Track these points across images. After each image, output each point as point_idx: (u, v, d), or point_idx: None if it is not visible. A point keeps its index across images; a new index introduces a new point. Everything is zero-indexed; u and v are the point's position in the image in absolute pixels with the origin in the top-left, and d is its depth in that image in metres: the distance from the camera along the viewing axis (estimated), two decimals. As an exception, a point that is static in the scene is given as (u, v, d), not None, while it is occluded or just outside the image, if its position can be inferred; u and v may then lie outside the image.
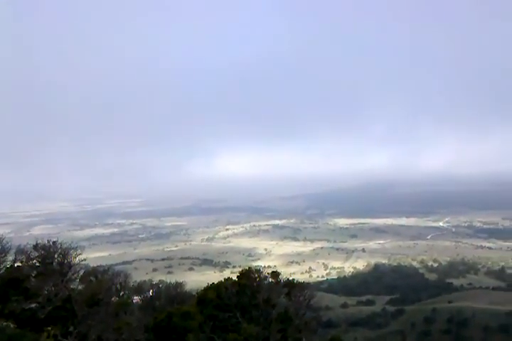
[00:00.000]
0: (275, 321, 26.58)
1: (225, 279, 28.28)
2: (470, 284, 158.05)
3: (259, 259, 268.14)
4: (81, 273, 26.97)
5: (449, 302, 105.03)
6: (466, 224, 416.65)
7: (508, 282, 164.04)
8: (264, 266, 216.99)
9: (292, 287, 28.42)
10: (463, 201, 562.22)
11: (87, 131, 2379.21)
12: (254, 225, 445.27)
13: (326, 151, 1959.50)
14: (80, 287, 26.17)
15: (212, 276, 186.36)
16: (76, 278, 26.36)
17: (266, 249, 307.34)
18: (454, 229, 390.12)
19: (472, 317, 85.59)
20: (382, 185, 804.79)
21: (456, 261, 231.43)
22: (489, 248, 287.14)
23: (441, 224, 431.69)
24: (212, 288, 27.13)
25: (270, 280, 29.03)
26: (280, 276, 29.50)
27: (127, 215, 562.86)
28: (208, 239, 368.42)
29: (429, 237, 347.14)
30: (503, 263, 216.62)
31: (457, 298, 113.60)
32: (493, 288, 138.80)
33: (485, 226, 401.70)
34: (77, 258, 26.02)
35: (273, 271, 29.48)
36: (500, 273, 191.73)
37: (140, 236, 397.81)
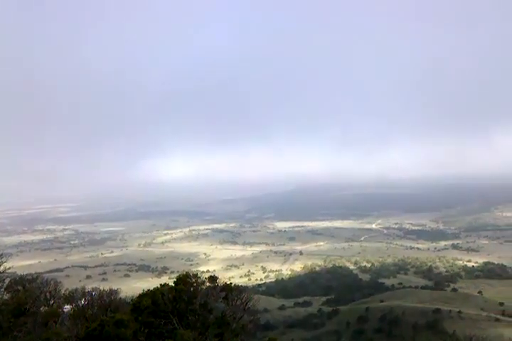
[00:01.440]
0: (212, 326, 26.50)
1: (161, 285, 27.77)
2: (400, 284, 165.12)
3: (198, 264, 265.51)
4: (7, 282, 25.48)
5: (381, 301, 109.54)
6: (396, 226, 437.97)
7: (435, 281, 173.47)
8: (203, 271, 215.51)
9: (230, 291, 28.45)
10: (394, 204, 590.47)
11: (20, 130, 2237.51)
12: (193, 229, 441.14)
13: (267, 155, 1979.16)
14: (5, 297, 24.71)
15: (150, 282, 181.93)
16: (1, 288, 24.88)
17: (205, 254, 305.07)
18: (385, 231, 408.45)
19: (402, 316, 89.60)
20: (320, 189, 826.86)
21: (388, 261, 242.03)
22: (418, 248, 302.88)
23: (373, 226, 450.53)
24: (148, 294, 26.52)
25: (208, 284, 28.90)
26: (218, 280, 29.44)
27: (59, 221, 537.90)
28: (145, 244, 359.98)
29: (362, 239, 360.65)
30: (430, 263, 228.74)
31: (389, 297, 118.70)
32: (422, 287, 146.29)
33: (414, 227, 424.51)
34: (2, 267, 24.57)
35: (211, 276, 29.41)
36: (427, 273, 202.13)
37: (72, 242, 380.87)
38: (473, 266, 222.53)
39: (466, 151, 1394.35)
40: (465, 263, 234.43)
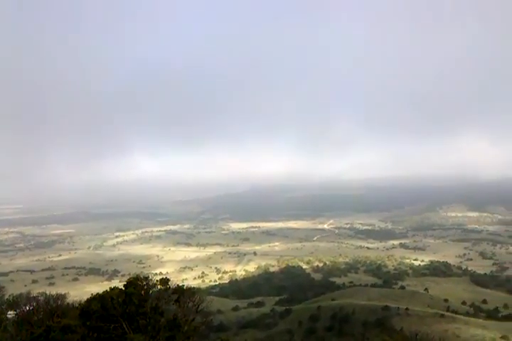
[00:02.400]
0: (163, 329, 26.31)
1: (110, 288, 27.24)
2: (351, 282, 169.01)
3: (150, 266, 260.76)
4: None
5: (333, 300, 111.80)
6: (348, 226, 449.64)
7: (384, 279, 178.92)
8: (156, 273, 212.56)
9: (182, 293, 28.33)
10: (347, 204, 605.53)
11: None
12: (146, 231, 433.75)
13: (230, 155, 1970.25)
14: None
15: (100, 286, 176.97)
16: None
17: (158, 256, 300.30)
18: (337, 231, 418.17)
19: (352, 313, 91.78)
20: (276, 190, 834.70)
21: (339, 260, 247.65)
22: (367, 248, 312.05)
23: (326, 226, 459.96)
24: (97, 298, 25.95)
25: (159, 287, 28.63)
26: (170, 283, 29.23)
27: (3, 223, 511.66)
28: (95, 247, 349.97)
29: (315, 239, 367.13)
30: (379, 262, 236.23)
31: (340, 295, 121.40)
32: (371, 285, 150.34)
33: (364, 227, 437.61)
34: None
35: (162, 278, 29.14)
36: (377, 271, 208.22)
37: (18, 245, 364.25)
38: (419, 265, 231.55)
39: (423, 154, 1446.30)
40: (412, 261, 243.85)
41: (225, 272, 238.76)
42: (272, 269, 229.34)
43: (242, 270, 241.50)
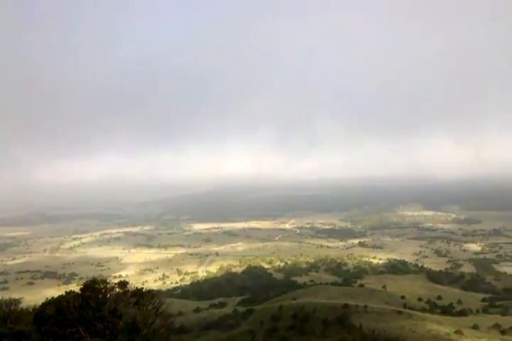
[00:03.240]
0: (122, 332, 25.90)
1: (66, 292, 26.54)
2: (312, 281, 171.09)
3: (109, 269, 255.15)
4: None
5: (294, 299, 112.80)
6: (309, 226, 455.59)
7: (344, 277, 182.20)
8: (116, 276, 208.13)
9: (141, 296, 27.95)
10: (308, 205, 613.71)
11: None
12: (105, 233, 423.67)
13: (195, 157, 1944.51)
14: None
15: (56, 290, 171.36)
16: None
17: (117, 258, 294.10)
18: (298, 231, 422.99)
19: (313, 312, 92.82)
20: (239, 190, 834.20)
21: (300, 260, 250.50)
22: (328, 247, 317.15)
23: (287, 226, 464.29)
24: (52, 302, 25.23)
25: (118, 290, 28.13)
26: (129, 286, 28.78)
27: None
28: (51, 250, 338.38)
29: (277, 239, 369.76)
30: (339, 261, 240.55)
31: (301, 294, 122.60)
32: (331, 284, 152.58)
33: (325, 227, 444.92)
34: None
35: (120, 281, 28.67)
36: (337, 270, 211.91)
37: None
38: (378, 263, 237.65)
39: (388, 154, 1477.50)
40: (371, 259, 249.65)
41: (186, 273, 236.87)
42: (234, 270, 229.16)
43: (204, 271, 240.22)
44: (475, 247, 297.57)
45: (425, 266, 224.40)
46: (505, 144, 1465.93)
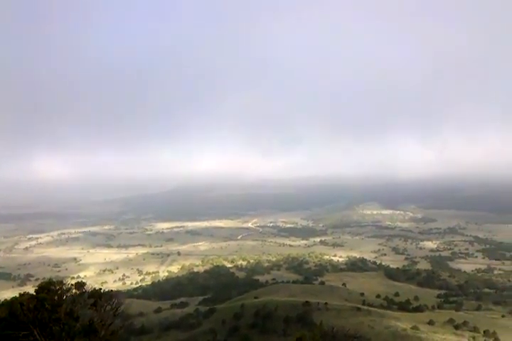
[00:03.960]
0: (79, 334, 25.26)
1: (20, 294, 25.68)
2: (274, 279, 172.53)
3: (67, 270, 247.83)
4: None
5: (255, 297, 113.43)
6: (271, 225, 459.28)
7: (305, 275, 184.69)
8: (74, 277, 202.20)
9: (99, 297, 27.34)
10: (271, 203, 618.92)
11: None
12: (63, 233, 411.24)
13: (158, 156, 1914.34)
14: None
15: (11, 292, 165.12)
16: None
17: (76, 259, 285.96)
18: (261, 230, 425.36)
19: (275, 310, 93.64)
20: (203, 189, 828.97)
21: (262, 258, 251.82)
22: (290, 245, 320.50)
23: (250, 225, 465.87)
24: (5, 304, 24.34)
25: (74, 291, 27.44)
26: (86, 287, 28.13)
27: None
28: (5, 251, 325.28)
29: (239, 237, 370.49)
30: (301, 259, 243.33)
31: (263, 293, 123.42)
32: (293, 282, 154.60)
33: (287, 225, 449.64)
34: None
35: (77, 282, 27.96)
36: (298, 268, 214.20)
37: None
38: (338, 261, 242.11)
39: (355, 154, 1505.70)
40: (331, 257, 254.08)
41: (147, 273, 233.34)
42: (196, 269, 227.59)
43: (166, 271, 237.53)
44: (431, 245, 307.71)
45: (383, 263, 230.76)
46: (464, 144, 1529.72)
